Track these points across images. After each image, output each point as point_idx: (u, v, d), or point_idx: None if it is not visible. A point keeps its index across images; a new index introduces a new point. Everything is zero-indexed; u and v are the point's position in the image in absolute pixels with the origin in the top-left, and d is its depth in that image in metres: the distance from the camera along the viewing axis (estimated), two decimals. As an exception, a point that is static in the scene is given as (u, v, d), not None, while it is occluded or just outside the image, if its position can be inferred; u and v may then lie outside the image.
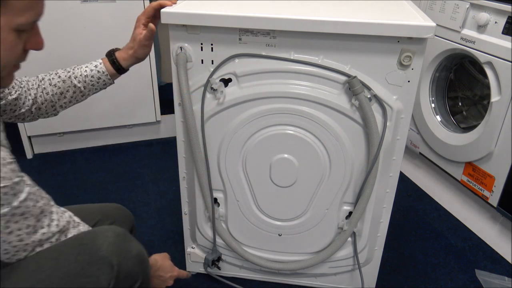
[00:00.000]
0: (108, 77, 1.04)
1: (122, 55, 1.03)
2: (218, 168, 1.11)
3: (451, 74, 1.71)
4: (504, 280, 1.37)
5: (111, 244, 0.78)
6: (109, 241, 0.78)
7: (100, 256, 0.76)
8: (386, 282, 1.35)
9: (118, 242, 0.79)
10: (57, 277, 0.73)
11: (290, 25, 0.90)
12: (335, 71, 0.96)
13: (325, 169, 1.07)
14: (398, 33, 0.89)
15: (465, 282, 1.37)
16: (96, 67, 1.03)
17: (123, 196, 1.74)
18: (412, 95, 0.98)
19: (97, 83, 1.04)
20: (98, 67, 1.03)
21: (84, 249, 0.76)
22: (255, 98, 1.00)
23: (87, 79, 1.02)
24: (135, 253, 0.82)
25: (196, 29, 0.96)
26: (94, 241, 0.77)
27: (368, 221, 1.13)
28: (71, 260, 0.74)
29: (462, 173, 1.57)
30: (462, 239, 1.56)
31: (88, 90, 1.04)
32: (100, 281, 0.75)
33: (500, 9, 1.37)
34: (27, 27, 0.67)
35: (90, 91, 1.05)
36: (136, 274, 0.82)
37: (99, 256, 0.76)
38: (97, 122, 2.02)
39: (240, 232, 1.20)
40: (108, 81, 1.05)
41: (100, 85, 1.05)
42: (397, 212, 1.66)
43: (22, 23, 0.65)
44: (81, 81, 1.02)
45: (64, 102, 1.03)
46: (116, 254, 0.77)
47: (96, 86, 1.04)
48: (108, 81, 1.05)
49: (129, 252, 0.81)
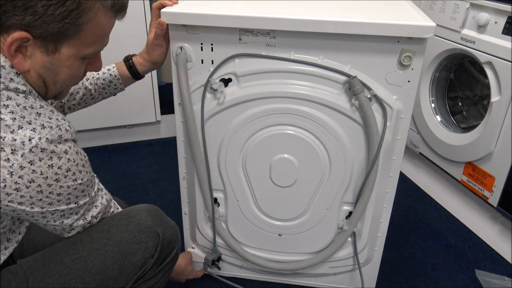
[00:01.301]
0: (119, 82, 1.04)
1: (139, 60, 1.04)
2: (218, 168, 1.11)
3: (451, 74, 1.71)
4: (504, 280, 1.37)
5: (154, 216, 0.89)
6: (152, 214, 0.89)
7: (148, 225, 0.87)
8: (386, 282, 1.35)
9: (159, 215, 0.91)
10: (112, 245, 0.83)
11: (290, 25, 0.90)
12: (335, 71, 0.96)
13: (325, 169, 1.07)
14: (398, 33, 0.89)
15: (465, 282, 1.37)
16: (108, 71, 1.04)
17: (123, 196, 1.73)
18: (412, 95, 0.98)
19: (108, 87, 1.04)
20: (110, 71, 1.04)
21: (133, 221, 0.86)
22: (255, 98, 1.00)
23: (98, 82, 1.03)
24: (172, 224, 0.95)
25: (196, 29, 0.96)
26: (139, 214, 0.88)
27: (368, 221, 1.13)
28: (123, 230, 0.85)
29: (462, 173, 1.57)
30: (462, 239, 1.56)
31: (98, 93, 1.04)
32: (148, 247, 0.86)
33: (500, 9, 1.37)
34: (93, 56, 0.74)
35: (100, 94, 1.05)
36: (174, 242, 0.94)
37: (146, 225, 0.86)
38: (97, 122, 2.02)
39: (240, 232, 1.20)
40: (119, 85, 1.06)
41: (111, 89, 1.05)
42: (397, 212, 1.66)
43: (89, 53, 0.72)
44: (92, 83, 1.02)
45: (73, 104, 1.03)
46: (159, 224, 0.89)
47: (106, 90, 1.05)
48: (119, 85, 1.05)
49: (168, 223, 0.93)
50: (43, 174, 0.67)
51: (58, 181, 0.69)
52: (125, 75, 1.04)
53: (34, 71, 0.69)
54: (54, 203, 0.71)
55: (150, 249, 0.86)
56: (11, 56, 0.65)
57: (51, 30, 0.64)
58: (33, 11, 0.61)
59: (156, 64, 1.05)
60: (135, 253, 0.84)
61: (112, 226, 0.85)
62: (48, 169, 0.67)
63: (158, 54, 1.01)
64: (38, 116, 0.67)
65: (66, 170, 0.70)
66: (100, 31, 0.70)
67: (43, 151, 0.66)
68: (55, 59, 0.69)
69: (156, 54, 1.01)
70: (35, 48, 0.66)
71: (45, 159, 0.66)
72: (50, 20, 0.63)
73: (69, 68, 0.71)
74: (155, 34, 0.97)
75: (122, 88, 1.07)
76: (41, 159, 0.66)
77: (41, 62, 0.68)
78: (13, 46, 0.64)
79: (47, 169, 0.67)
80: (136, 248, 0.85)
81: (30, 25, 0.63)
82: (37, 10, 0.61)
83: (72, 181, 0.72)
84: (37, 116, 0.67)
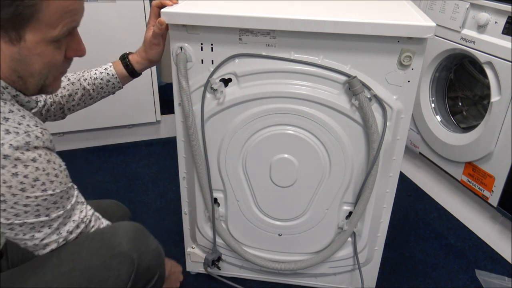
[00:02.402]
0: (117, 81, 1.04)
1: (135, 58, 1.03)
2: (218, 168, 1.11)
3: (451, 74, 1.71)
4: (504, 280, 1.37)
5: (131, 239, 0.80)
6: (129, 236, 0.80)
7: (121, 251, 0.78)
8: (386, 282, 1.35)
9: (138, 237, 0.82)
10: (80, 270, 0.75)
11: (290, 25, 0.90)
12: (335, 71, 0.96)
13: (325, 169, 1.07)
14: (398, 33, 0.89)
15: (465, 282, 1.37)
16: (106, 70, 1.03)
17: (123, 196, 1.74)
18: (412, 95, 0.98)
19: (106, 86, 1.03)
20: (108, 70, 1.03)
21: (106, 244, 0.77)
22: (255, 98, 1.00)
23: (96, 82, 1.02)
24: (153, 247, 0.85)
25: (196, 29, 0.96)
26: (114, 235, 0.79)
27: (368, 221, 1.13)
28: (93, 253, 0.76)
29: (462, 173, 1.57)
30: (462, 239, 1.56)
31: (96, 93, 1.04)
32: (121, 275, 0.77)
33: (500, 9, 1.37)
34: (62, 37, 0.68)
35: (99, 94, 1.05)
36: (155, 267, 0.85)
37: (120, 250, 0.78)
38: (97, 122, 2.02)
39: (240, 232, 1.20)
40: (118, 84, 1.05)
41: (109, 88, 1.04)
42: (397, 212, 1.66)
43: (57, 35, 0.66)
44: (90, 83, 1.02)
45: (72, 105, 1.02)
46: (136, 248, 0.80)
47: (105, 89, 1.04)
48: (117, 84, 1.05)
49: (148, 247, 0.83)
50: (6, 182, 0.63)
51: (24, 190, 0.65)
52: (122, 73, 1.04)
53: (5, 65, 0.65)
54: (20, 214, 0.67)
55: (122, 277, 0.77)
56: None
57: (6, 16, 0.60)
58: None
59: (152, 62, 1.04)
60: (105, 281, 0.76)
61: (83, 247, 0.77)
62: (12, 177, 0.63)
63: (155, 52, 1.01)
64: (6, 121, 0.63)
65: (34, 180, 0.65)
66: (62, 6, 0.64)
67: (5, 158, 0.62)
68: (23, 49, 0.64)
69: (153, 52, 1.01)
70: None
71: (9, 166, 0.62)
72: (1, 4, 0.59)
73: (41, 56, 0.67)
74: (154, 33, 0.97)
75: (120, 87, 1.07)
76: (4, 166, 0.62)
77: (9, 54, 0.64)
78: None
79: (11, 178, 0.63)
80: (106, 275, 0.76)
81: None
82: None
83: (41, 192, 0.67)
84: (3, 121, 0.63)
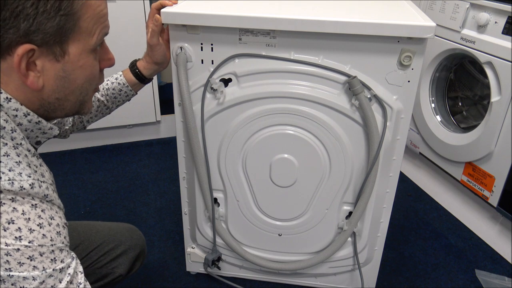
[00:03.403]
0: (129, 89, 1.04)
1: (142, 63, 1.03)
2: (218, 168, 1.11)
3: (451, 74, 1.71)
4: (504, 280, 1.37)
5: None
6: None
7: None
8: (386, 282, 1.35)
9: None
10: None
11: (290, 25, 0.90)
12: (335, 71, 0.96)
13: (325, 169, 1.07)
14: (398, 33, 0.89)
15: (465, 282, 1.37)
16: (116, 80, 1.03)
17: (123, 196, 1.74)
18: (412, 95, 0.98)
19: (119, 95, 1.04)
20: (118, 79, 1.03)
21: None
22: (255, 98, 1.00)
23: (108, 92, 1.02)
24: None
25: (196, 29, 0.96)
26: None
27: (368, 221, 1.13)
28: None
29: (462, 173, 1.57)
30: (462, 239, 1.56)
31: (111, 103, 1.04)
32: None
33: (500, 9, 1.37)
34: (98, 44, 0.67)
35: (114, 103, 1.05)
36: None
37: None
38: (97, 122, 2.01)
39: (240, 232, 1.20)
40: (130, 92, 1.05)
41: (123, 97, 1.04)
42: (397, 212, 1.66)
43: (95, 42, 0.65)
44: (104, 95, 1.02)
45: (90, 117, 1.03)
46: None
47: (118, 98, 1.04)
48: (130, 92, 1.04)
49: None
50: None
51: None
52: (133, 81, 1.03)
53: (49, 88, 0.63)
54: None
55: None
56: (24, 76, 0.59)
57: (50, 30, 0.59)
58: (25, 15, 0.56)
59: (160, 65, 1.03)
60: None
61: None
62: None
63: (158, 53, 1.00)
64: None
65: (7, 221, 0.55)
66: (96, 12, 0.64)
67: None
68: (67, 64, 0.63)
69: (156, 54, 1.00)
70: (43, 59, 0.61)
71: None
72: (45, 18, 0.58)
73: (84, 69, 0.66)
74: (151, 32, 0.96)
75: (133, 94, 1.06)
76: None
77: (54, 73, 0.63)
78: (22, 63, 0.58)
79: None
80: None
81: (28, 33, 0.58)
82: (28, 12, 0.56)
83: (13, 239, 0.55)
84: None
